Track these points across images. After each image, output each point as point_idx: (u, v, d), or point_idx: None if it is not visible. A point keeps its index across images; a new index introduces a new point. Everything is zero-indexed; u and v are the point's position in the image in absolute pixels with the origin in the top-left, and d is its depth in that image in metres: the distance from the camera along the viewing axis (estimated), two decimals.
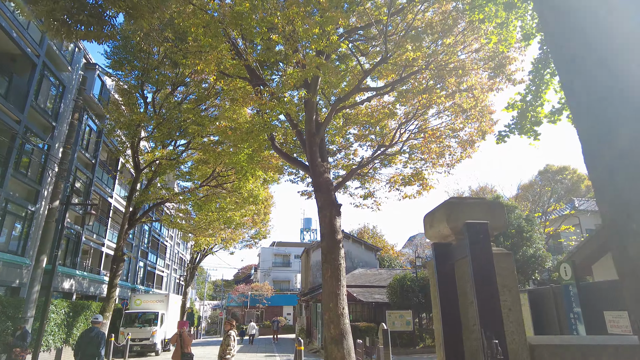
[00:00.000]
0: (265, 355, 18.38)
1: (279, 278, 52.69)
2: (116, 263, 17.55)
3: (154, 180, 20.43)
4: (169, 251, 43.84)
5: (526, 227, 20.72)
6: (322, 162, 12.71)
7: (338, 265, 11.33)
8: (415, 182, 16.07)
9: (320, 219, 12.15)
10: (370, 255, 32.45)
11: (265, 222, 33.61)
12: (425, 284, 20.67)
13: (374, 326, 20.05)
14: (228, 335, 8.77)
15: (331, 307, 10.90)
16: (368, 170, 16.95)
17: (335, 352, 10.45)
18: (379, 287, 24.10)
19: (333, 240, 11.61)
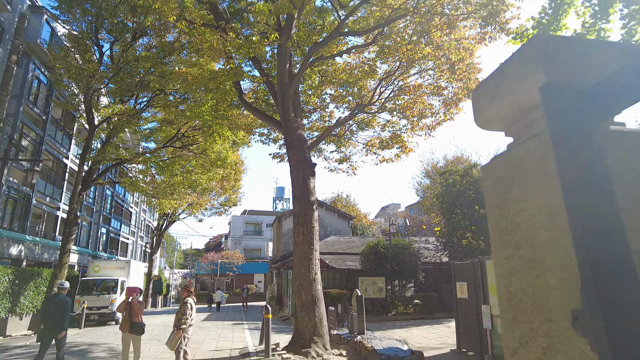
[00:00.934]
0: (232, 323, 17.63)
1: (250, 246, 51.92)
2: (69, 227, 16.07)
3: (112, 139, 18.72)
4: (134, 218, 42.02)
5: None
6: (296, 118, 11.57)
7: (311, 229, 10.43)
8: (394, 145, 15.20)
9: (293, 179, 11.13)
10: (343, 224, 31.93)
11: (235, 189, 32.36)
12: (399, 251, 20.25)
13: (346, 293, 19.56)
14: (184, 303, 7.78)
15: (302, 272, 10.05)
16: (344, 132, 15.91)
17: (305, 320, 9.68)
18: (351, 255, 23.60)
19: (306, 201, 10.65)
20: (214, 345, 11.28)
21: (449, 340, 11.38)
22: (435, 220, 28.63)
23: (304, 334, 9.63)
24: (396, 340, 9.91)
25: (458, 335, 9.68)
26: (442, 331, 13.70)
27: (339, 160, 16.75)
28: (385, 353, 8.21)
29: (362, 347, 9.07)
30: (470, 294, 9.25)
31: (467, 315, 9.31)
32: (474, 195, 21.09)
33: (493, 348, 8.05)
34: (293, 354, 9.25)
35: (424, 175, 34.52)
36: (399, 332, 13.99)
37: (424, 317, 18.57)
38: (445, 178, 22.40)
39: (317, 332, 9.62)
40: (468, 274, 9.37)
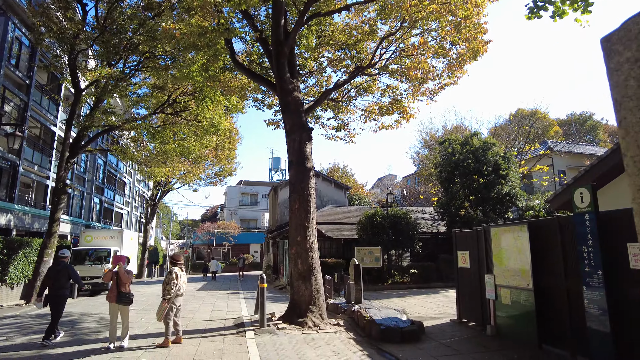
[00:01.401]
0: (228, 292, 17.47)
1: (246, 217, 51.74)
2: (57, 195, 15.56)
3: (100, 105, 17.95)
4: (128, 188, 41.49)
5: (503, 165, 20.00)
6: (292, 79, 10.91)
7: (307, 196, 9.98)
8: (394, 110, 14.60)
9: (289, 144, 10.59)
10: (340, 194, 31.60)
11: (230, 158, 31.80)
12: (396, 221, 19.98)
13: (342, 262, 19.39)
14: (169, 272, 7.40)
15: (299, 240, 9.67)
16: (342, 98, 15.25)
17: (302, 289, 9.38)
18: (348, 224, 23.34)
19: (302, 168, 10.15)
20: (208, 315, 11.02)
21: (448, 310, 11.19)
22: (433, 190, 28.34)
23: (300, 304, 9.36)
24: (394, 310, 9.66)
25: (459, 305, 9.42)
26: (440, 301, 13.54)
27: (336, 127, 16.14)
28: (384, 323, 7.93)
29: (360, 317, 8.80)
30: (472, 263, 8.92)
31: (469, 285, 9.02)
32: (473, 165, 20.65)
33: (495, 319, 7.78)
34: (289, 324, 8.99)
35: (422, 145, 34.02)
36: (396, 301, 13.83)
37: (420, 287, 18.49)
38: (445, 147, 21.89)
39: (314, 301, 9.34)
40: (470, 242, 9.01)
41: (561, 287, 6.33)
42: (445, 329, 8.62)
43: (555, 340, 6.44)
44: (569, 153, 26.21)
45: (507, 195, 19.71)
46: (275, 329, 8.51)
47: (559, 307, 6.38)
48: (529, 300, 6.86)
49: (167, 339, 7.14)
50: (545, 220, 6.93)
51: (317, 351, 6.87)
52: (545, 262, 6.72)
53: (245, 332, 8.25)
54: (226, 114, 20.88)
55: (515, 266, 7.23)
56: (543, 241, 6.79)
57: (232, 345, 7.30)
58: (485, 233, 8.40)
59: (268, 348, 7.06)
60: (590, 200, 5.61)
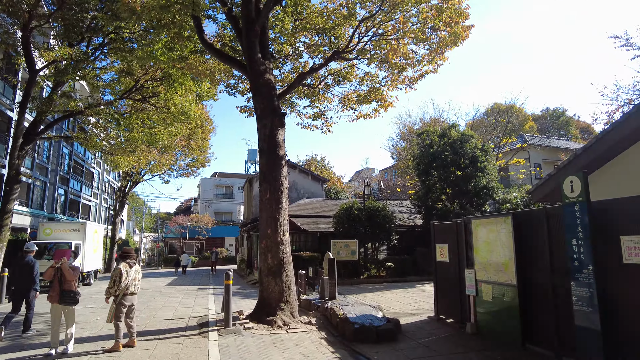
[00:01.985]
0: (197, 288, 16.68)
1: (221, 209, 50.55)
2: (9, 185, 14.38)
3: (60, 87, 16.73)
4: (97, 179, 39.72)
5: (481, 157, 19.81)
6: (264, 61, 10.18)
7: (279, 186, 9.33)
8: (372, 99, 14.08)
9: (259, 129, 9.89)
10: (317, 187, 31.03)
11: (203, 148, 30.74)
12: (373, 213, 19.56)
13: (318, 256, 18.85)
14: (115, 268, 6.66)
15: (269, 233, 9.03)
16: (319, 84, 14.59)
17: (272, 285, 8.75)
18: (324, 217, 22.80)
19: (274, 155, 9.48)
20: (172, 313, 10.27)
21: (425, 306, 10.78)
22: (410, 183, 28.11)
23: (269, 301, 8.73)
24: (370, 306, 9.16)
25: (437, 301, 8.99)
26: (417, 295, 13.16)
27: (312, 116, 15.47)
28: (359, 321, 7.39)
29: (334, 315, 8.25)
30: (451, 257, 8.48)
31: (447, 280, 8.59)
32: (451, 157, 20.39)
33: (476, 316, 7.35)
34: (257, 323, 8.36)
35: (399, 138, 33.75)
36: (372, 296, 13.38)
37: (396, 280, 18.15)
38: (423, 139, 21.56)
39: (284, 298, 8.73)
40: (450, 235, 8.57)
41: (547, 283, 5.92)
42: (423, 327, 8.17)
43: (540, 339, 6.03)
44: (545, 147, 26.38)
45: (484, 188, 19.54)
46: (242, 328, 7.87)
47: (544, 304, 5.97)
48: (512, 297, 6.44)
49: (117, 342, 6.39)
50: (531, 212, 6.50)
51: (284, 354, 6.27)
52: (530, 257, 6.30)
53: (208, 333, 7.57)
54: (197, 100, 19.90)
55: (498, 260, 6.80)
56: (528, 234, 6.36)
57: (192, 348, 6.62)
58: (466, 225, 7.96)
59: (231, 351, 6.41)
60: (581, 189, 5.18)
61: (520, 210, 6.80)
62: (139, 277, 6.94)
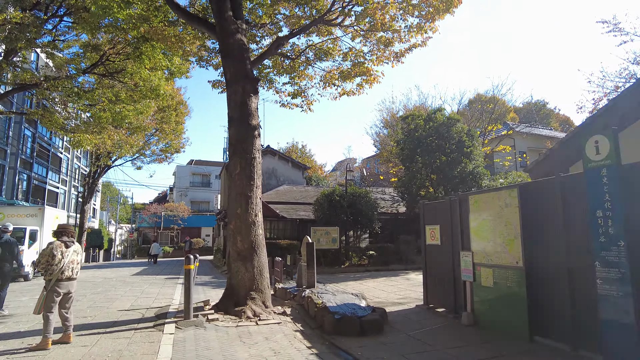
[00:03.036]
0: (166, 278, 15.47)
1: (198, 198, 48.88)
2: None
3: (12, 57, 15.14)
4: (65, 165, 37.60)
5: (467, 142, 19.06)
6: (235, 19, 9.00)
7: (251, 160, 8.23)
8: (357, 73, 13.08)
9: (229, 96, 8.74)
10: (297, 174, 29.95)
11: (177, 133, 29.21)
12: (355, 200, 18.63)
13: (297, 244, 17.84)
14: (45, 247, 5.49)
15: (239, 213, 7.94)
16: (299, 55, 13.48)
17: (241, 271, 7.69)
18: (304, 204, 21.79)
19: (245, 125, 8.36)
20: (130, 304, 9.10)
21: (412, 295, 9.91)
22: (393, 170, 27.29)
23: (238, 289, 7.68)
24: (352, 294, 8.20)
25: (426, 288, 8.10)
26: (401, 284, 12.31)
27: (292, 93, 14.35)
28: (340, 311, 6.42)
29: (311, 304, 7.25)
30: (443, 239, 7.58)
31: (439, 264, 7.69)
32: (436, 142, 19.59)
33: (473, 304, 6.46)
34: (223, 314, 7.30)
35: (382, 125, 32.87)
36: (354, 284, 12.47)
37: (379, 269, 17.31)
38: (408, 123, 20.68)
39: (256, 286, 7.68)
40: (442, 215, 7.66)
41: (560, 265, 5.04)
42: (411, 317, 7.25)
43: (552, 330, 5.17)
44: (530, 134, 25.92)
45: (470, 174, 18.82)
46: (204, 320, 6.79)
47: (557, 289, 5.09)
48: (517, 281, 5.55)
49: (45, 338, 5.24)
50: (542, 182, 5.59)
51: (251, 350, 5.24)
52: (539, 235, 5.41)
53: (165, 326, 6.47)
54: (169, 78, 18.49)
55: (501, 240, 5.90)
56: (538, 208, 5.46)
57: (140, 343, 5.52)
58: (461, 203, 7.04)
59: (187, 347, 5.34)
60: (610, 149, 4.27)
61: (527, 182, 5.87)
62: (78, 260, 5.77)
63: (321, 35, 13.18)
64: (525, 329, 5.37)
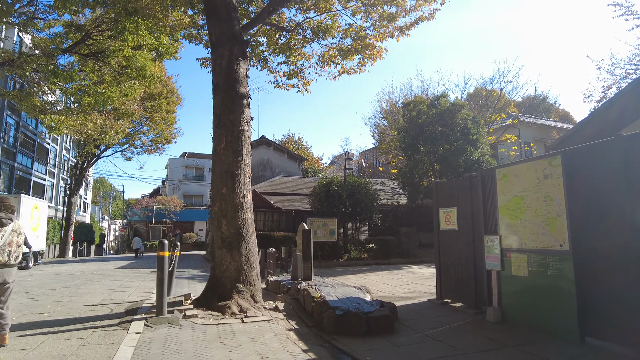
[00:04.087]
0: (150, 271, 14.34)
1: (191, 192, 47.63)
2: None
3: None
4: (53, 156, 36.28)
5: (473, 129, 18.03)
6: None
7: (239, 132, 7.15)
8: (358, 50, 12.03)
9: (214, 61, 7.66)
10: (294, 166, 28.88)
11: (168, 122, 28.01)
12: (354, 190, 17.56)
13: (292, 236, 16.79)
14: None
15: (224, 193, 6.86)
16: (295, 27, 12.40)
17: (227, 260, 6.63)
18: (301, 195, 20.72)
19: (232, 92, 7.27)
20: (101, 298, 8.01)
21: (420, 288, 8.88)
22: (393, 161, 26.25)
23: (223, 281, 6.60)
24: (354, 287, 7.13)
25: (439, 280, 7.05)
26: (406, 277, 11.27)
27: (288, 74, 13.23)
28: (342, 306, 5.36)
29: (308, 298, 6.18)
30: (462, 222, 6.53)
31: (456, 252, 6.64)
32: (440, 130, 18.55)
33: (500, 297, 5.42)
34: (204, 309, 6.22)
35: (381, 116, 31.77)
36: (354, 278, 11.43)
37: (379, 263, 16.27)
38: (410, 109, 19.60)
39: (243, 277, 6.61)
40: (460, 195, 6.60)
41: (622, 248, 3.99)
42: (424, 313, 6.21)
43: (609, 331, 4.12)
44: (535, 124, 24.92)
45: (475, 163, 17.78)
46: (181, 317, 5.72)
47: (617, 278, 4.05)
48: (561, 269, 4.51)
49: None
50: (595, 146, 4.49)
51: (232, 354, 4.17)
52: (592, 211, 4.36)
53: (132, 323, 5.39)
54: (158, 59, 17.35)
55: (539, 220, 4.85)
56: (589, 179, 4.41)
57: (94, 346, 4.44)
58: (485, 179, 6.00)
59: (152, 350, 4.26)
60: None
61: (574, 147, 4.80)
62: (17, 241, 4.68)
63: (319, 11, 12.10)
64: (573, 329, 4.32)
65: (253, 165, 28.67)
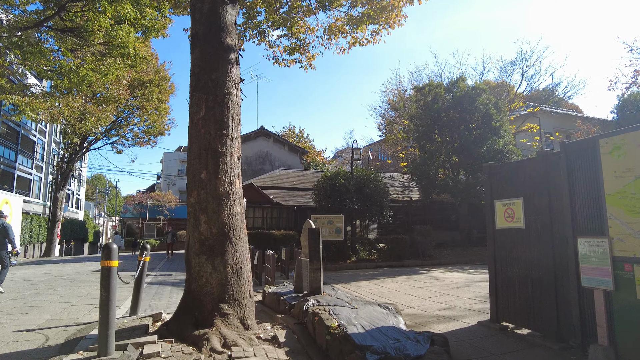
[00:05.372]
0: (132, 275, 12.48)
1: None
2: None
3: None
4: (41, 149, 34.45)
5: (495, 115, 16.18)
6: None
7: (223, 97, 5.31)
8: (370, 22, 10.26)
9: (193, 5, 5.79)
10: (295, 159, 27.07)
11: (161, 112, 26.13)
12: (363, 184, 15.73)
13: (294, 235, 15.01)
14: None
15: (203, 178, 5.03)
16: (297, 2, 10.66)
17: (207, 271, 4.82)
18: (303, 190, 18.92)
19: (216, 44, 5.41)
20: (49, 316, 6.20)
21: (458, 303, 7.05)
22: (402, 154, 24.43)
23: (201, 299, 4.77)
24: (379, 306, 5.30)
25: (495, 296, 5.23)
26: (431, 285, 9.44)
27: (289, 48, 11.41)
28: (374, 345, 3.55)
29: (320, 326, 4.36)
30: (532, 219, 4.71)
31: (523, 259, 4.82)
32: (458, 116, 16.74)
33: (612, 332, 3.59)
34: (173, 341, 4.39)
35: (388, 107, 29.91)
36: (368, 285, 9.63)
37: (392, 265, 14.46)
38: (424, 94, 17.73)
39: (229, 294, 4.79)
40: (529, 180, 4.78)
41: None
42: (483, 346, 4.38)
43: None
44: (557, 114, 23.07)
45: (499, 153, 15.96)
46: (136, 357, 3.89)
47: None
48: None
49: None
50: None
51: None
52: None
53: None
54: (146, 38, 15.52)
55: None
56: None
57: None
58: (571, 156, 4.16)
59: None
60: None
61: None
62: None
63: None
64: None
65: (251, 157, 26.89)
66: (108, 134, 26.80)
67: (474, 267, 13.60)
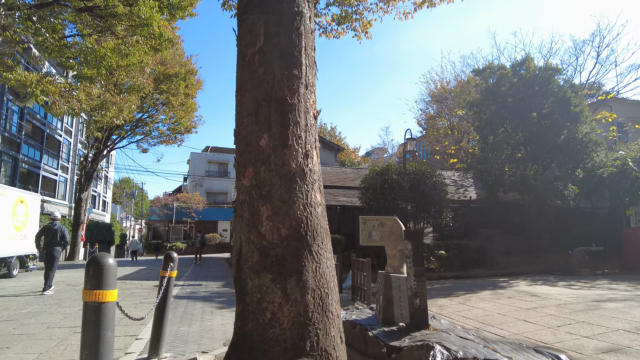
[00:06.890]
0: (156, 285, 10.75)
1: (214, 189, 44.45)
2: None
3: None
4: (66, 149, 33.71)
5: (573, 100, 13.74)
6: None
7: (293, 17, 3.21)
8: None
9: None
10: (329, 156, 25.15)
11: (187, 108, 24.66)
12: (418, 180, 13.56)
13: (340, 239, 13.01)
14: None
15: (264, 146, 2.98)
16: None
17: (273, 301, 2.70)
18: (343, 188, 16.90)
19: None
20: (32, 356, 4.35)
21: (617, 338, 4.83)
22: (452, 149, 22.09)
23: (265, 349, 2.74)
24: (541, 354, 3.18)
25: None
26: (538, 305, 7.20)
27: (339, 17, 9.46)
28: None
29: None
30: None
31: None
32: (527, 101, 14.39)
33: None
34: None
35: (429, 101, 27.60)
36: (451, 305, 7.53)
37: (457, 276, 12.22)
38: (485, 77, 15.46)
39: (312, 342, 2.75)
40: None
41: None
42: None
43: None
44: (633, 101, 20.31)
45: (579, 144, 13.52)
46: None
47: None
48: None
49: None
50: None
51: None
52: None
53: None
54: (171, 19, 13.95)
55: None
56: None
57: None
58: None
59: None
60: None
61: None
62: None
63: None
64: None
65: None
66: (133, 132, 25.58)
67: (559, 278, 11.30)
